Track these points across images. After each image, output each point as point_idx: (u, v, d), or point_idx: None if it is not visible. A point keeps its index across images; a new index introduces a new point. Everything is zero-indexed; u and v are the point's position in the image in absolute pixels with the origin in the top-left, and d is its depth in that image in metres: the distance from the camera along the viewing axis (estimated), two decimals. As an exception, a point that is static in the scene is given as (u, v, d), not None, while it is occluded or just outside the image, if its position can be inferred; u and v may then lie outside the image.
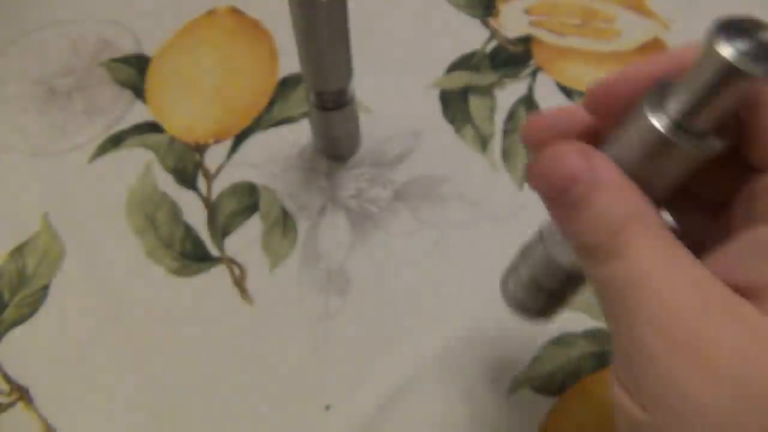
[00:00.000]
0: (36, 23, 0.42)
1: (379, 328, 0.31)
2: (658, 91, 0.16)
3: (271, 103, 0.38)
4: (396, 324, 0.31)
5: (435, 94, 0.38)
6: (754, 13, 0.14)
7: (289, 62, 0.39)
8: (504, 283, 0.24)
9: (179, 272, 0.33)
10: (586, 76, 0.39)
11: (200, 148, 0.36)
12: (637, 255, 0.15)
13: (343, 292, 0.32)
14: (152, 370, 0.30)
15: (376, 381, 0.30)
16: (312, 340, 0.31)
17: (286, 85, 0.38)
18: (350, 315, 0.31)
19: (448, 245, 0.33)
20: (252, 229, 0.34)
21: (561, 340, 0.30)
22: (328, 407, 0.29)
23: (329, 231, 0.34)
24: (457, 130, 0.37)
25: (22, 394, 0.30)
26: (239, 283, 0.32)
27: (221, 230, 0.34)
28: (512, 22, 0.41)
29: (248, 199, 0.35)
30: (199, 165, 0.36)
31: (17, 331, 0.31)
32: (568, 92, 0.38)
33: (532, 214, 0.32)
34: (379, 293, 0.32)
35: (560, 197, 0.17)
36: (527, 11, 0.42)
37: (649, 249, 0.15)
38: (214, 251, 0.33)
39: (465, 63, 0.39)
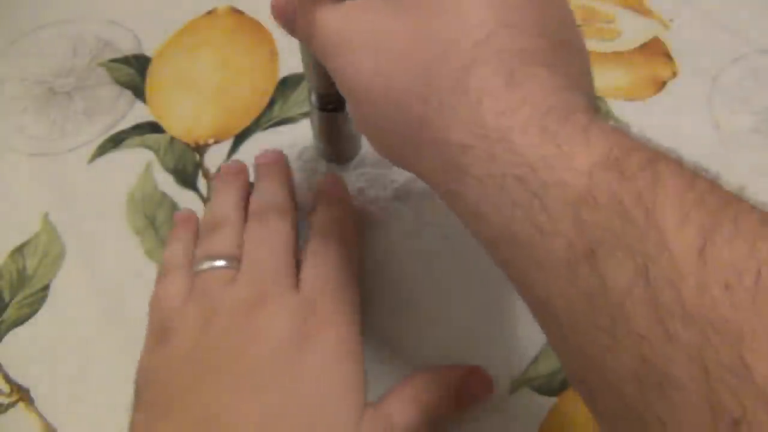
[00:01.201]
0: (36, 23, 0.42)
1: (379, 328, 0.31)
2: None
3: (271, 103, 0.38)
4: (396, 324, 0.31)
5: (435, 94, 0.38)
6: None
7: (289, 62, 0.39)
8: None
9: (179, 272, 0.33)
10: (586, 76, 0.39)
11: (200, 148, 0.36)
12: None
13: (343, 292, 0.32)
14: (152, 370, 0.30)
15: (375, 381, 0.30)
16: (312, 340, 0.31)
17: (286, 85, 0.38)
18: (350, 315, 0.31)
19: (449, 245, 0.33)
20: (252, 229, 0.34)
21: (561, 340, 0.30)
22: (328, 407, 0.29)
23: (329, 231, 0.33)
24: (457, 130, 0.37)
25: (22, 394, 0.30)
26: (239, 283, 0.32)
27: (221, 230, 0.34)
28: (512, 22, 0.41)
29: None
30: (199, 165, 0.36)
31: (17, 332, 0.31)
32: (568, 92, 0.38)
33: (532, 214, 0.33)
34: (380, 293, 0.32)
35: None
36: (527, 11, 0.42)
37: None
38: (214, 251, 0.33)
39: (465, 63, 0.39)
